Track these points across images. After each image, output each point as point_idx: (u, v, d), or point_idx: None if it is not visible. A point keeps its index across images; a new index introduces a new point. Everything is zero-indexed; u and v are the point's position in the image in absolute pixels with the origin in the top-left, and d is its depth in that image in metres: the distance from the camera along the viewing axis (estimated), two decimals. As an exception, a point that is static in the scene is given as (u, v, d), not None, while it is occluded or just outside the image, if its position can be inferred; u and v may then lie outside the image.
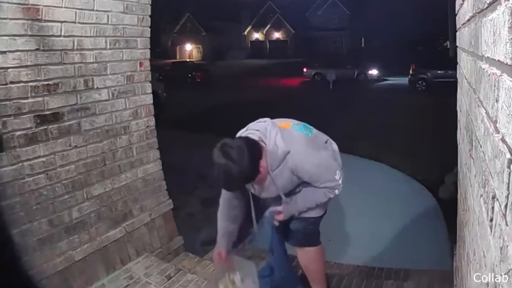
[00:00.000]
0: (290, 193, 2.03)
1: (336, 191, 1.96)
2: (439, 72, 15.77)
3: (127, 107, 2.75)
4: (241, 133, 1.98)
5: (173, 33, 41.43)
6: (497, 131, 0.61)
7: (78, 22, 2.33)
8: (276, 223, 2.04)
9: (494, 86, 0.64)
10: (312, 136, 2.01)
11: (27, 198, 2.13)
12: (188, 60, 32.65)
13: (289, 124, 2.03)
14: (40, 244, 2.21)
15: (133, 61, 2.77)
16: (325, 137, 2.14)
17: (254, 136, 1.88)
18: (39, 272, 2.17)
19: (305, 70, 21.40)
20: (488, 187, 0.70)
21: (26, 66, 2.07)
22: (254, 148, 1.81)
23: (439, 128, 5.87)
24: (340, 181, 1.94)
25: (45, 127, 2.21)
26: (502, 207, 0.55)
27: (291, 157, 1.86)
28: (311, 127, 2.12)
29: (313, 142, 1.98)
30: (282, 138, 1.86)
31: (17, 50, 2.02)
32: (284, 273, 2.29)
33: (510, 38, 0.52)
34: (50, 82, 2.21)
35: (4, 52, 1.97)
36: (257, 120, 2.02)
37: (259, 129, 1.92)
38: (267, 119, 2.01)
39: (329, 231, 3.85)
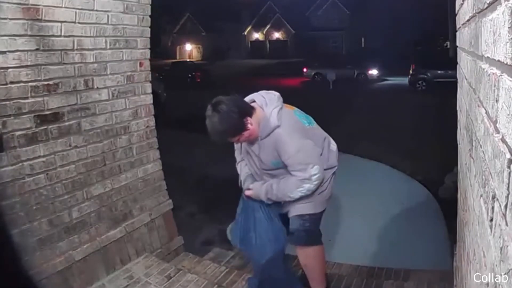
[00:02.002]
0: (270, 174, 2.10)
1: (306, 186, 1.95)
2: (439, 72, 15.75)
3: (127, 107, 2.75)
4: (251, 95, 2.11)
5: (173, 33, 41.41)
6: (497, 131, 0.61)
7: (78, 22, 2.33)
8: (244, 197, 2.18)
9: (494, 86, 0.64)
10: (307, 127, 2.08)
11: (27, 198, 2.13)
12: (188, 60, 32.64)
13: (293, 108, 2.14)
14: (40, 244, 2.21)
15: (133, 61, 2.77)
16: (324, 135, 2.18)
17: (258, 100, 2.04)
18: (39, 272, 2.17)
19: (305, 70, 21.38)
20: (488, 187, 0.70)
21: (26, 66, 2.08)
22: (243, 104, 1.96)
23: (439, 128, 5.87)
24: (313, 177, 1.94)
25: (45, 127, 2.21)
26: (502, 207, 0.55)
27: (278, 133, 1.96)
28: (314, 122, 2.18)
29: (304, 130, 2.04)
30: (278, 113, 1.98)
31: (17, 50, 2.02)
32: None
33: (510, 38, 0.52)
34: (50, 82, 2.21)
35: (4, 52, 1.97)
36: (269, 91, 2.12)
37: (265, 97, 2.05)
38: (278, 93, 2.10)
39: (329, 231, 3.86)
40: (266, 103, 2.02)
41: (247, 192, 2.15)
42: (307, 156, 1.96)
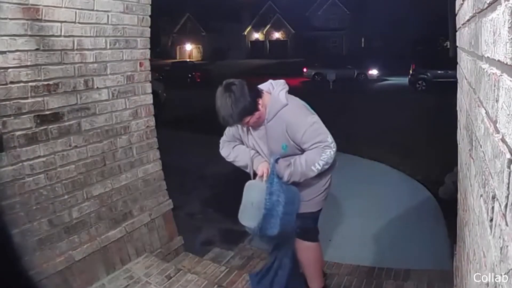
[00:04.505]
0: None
1: (328, 152, 1.95)
2: (439, 72, 15.77)
3: (127, 107, 2.75)
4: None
5: (173, 33, 41.42)
6: (497, 131, 0.61)
7: (78, 22, 2.33)
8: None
9: (494, 86, 0.64)
10: (313, 113, 2.10)
11: (27, 198, 2.13)
12: (188, 60, 32.64)
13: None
14: (40, 244, 2.21)
15: (133, 61, 2.76)
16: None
17: (264, 87, 2.09)
18: (39, 272, 2.17)
19: (305, 70, 21.39)
20: (488, 187, 0.70)
21: (26, 66, 2.08)
22: (253, 86, 1.99)
23: (439, 128, 5.87)
24: (332, 144, 1.97)
25: (45, 127, 2.21)
26: (502, 207, 0.55)
27: (287, 111, 1.98)
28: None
29: (311, 111, 2.08)
30: (286, 95, 2.03)
31: (17, 50, 2.02)
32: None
33: (510, 38, 0.52)
34: (50, 82, 2.21)
35: (4, 52, 1.97)
36: (275, 80, 2.16)
37: (272, 82, 2.12)
38: (283, 80, 2.15)
39: (329, 231, 3.86)
40: (273, 87, 2.07)
41: (263, 169, 2.05)
42: (321, 127, 2.00)
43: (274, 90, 2.05)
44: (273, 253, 2.37)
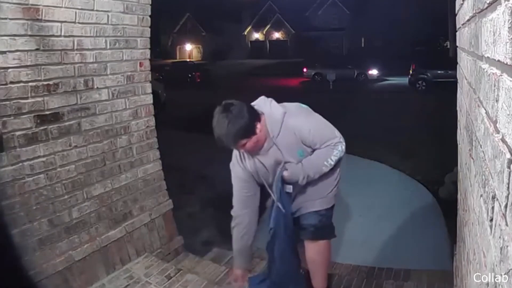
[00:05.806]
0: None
1: (339, 147, 2.01)
2: (439, 72, 15.76)
3: (127, 107, 2.75)
4: None
5: (173, 33, 41.44)
6: (497, 131, 0.61)
7: (78, 22, 2.33)
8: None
9: (494, 86, 0.64)
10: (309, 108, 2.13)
11: (27, 198, 2.13)
12: (188, 60, 32.65)
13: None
14: (40, 244, 2.21)
15: (133, 61, 2.77)
16: None
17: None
18: (39, 272, 2.17)
19: (305, 70, 21.38)
20: (488, 187, 0.70)
21: (26, 66, 2.08)
22: (252, 108, 1.95)
23: (439, 128, 5.87)
24: (341, 139, 2.02)
25: (45, 127, 2.21)
26: (502, 207, 0.55)
27: (289, 118, 1.97)
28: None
29: (306, 108, 2.12)
30: (276, 104, 2.03)
31: (17, 50, 2.02)
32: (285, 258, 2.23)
33: (510, 38, 0.52)
34: (50, 82, 2.21)
35: (4, 52, 1.97)
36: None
37: (255, 103, 2.07)
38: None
39: (329, 231, 3.85)
40: (260, 106, 2.03)
41: (285, 174, 2.02)
42: (328, 125, 2.05)
43: (265, 106, 2.02)
44: (268, 250, 2.37)
